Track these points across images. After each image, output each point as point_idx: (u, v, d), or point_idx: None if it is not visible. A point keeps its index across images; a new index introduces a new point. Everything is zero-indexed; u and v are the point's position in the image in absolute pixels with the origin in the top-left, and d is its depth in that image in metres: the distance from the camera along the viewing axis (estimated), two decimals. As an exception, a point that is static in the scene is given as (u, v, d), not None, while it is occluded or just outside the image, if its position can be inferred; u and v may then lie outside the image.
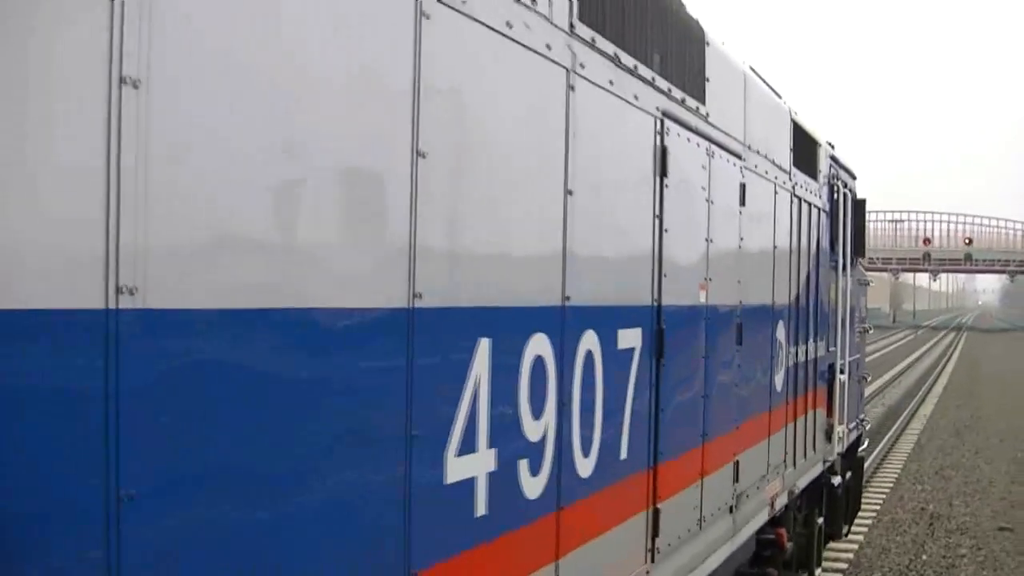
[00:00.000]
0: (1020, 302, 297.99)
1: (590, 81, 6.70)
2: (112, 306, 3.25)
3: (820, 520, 15.39)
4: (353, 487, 4.48)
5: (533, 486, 6.06)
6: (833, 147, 15.58)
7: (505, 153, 5.74)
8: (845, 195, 15.71)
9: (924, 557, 19.36)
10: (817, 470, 14.65)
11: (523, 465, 5.94)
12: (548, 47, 6.09)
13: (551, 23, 6.14)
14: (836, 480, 15.91)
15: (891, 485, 25.83)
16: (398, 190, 4.72)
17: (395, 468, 4.72)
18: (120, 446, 3.28)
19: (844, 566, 18.41)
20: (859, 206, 16.62)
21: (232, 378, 3.82)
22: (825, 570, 17.02)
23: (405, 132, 4.75)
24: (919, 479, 26.99)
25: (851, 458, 17.68)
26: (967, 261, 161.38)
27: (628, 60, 7.36)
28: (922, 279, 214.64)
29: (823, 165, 14.52)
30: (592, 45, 6.73)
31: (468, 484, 5.34)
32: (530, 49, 5.88)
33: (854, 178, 16.91)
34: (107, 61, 3.24)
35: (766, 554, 12.21)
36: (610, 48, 7.02)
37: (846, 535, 18.26)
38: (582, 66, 6.57)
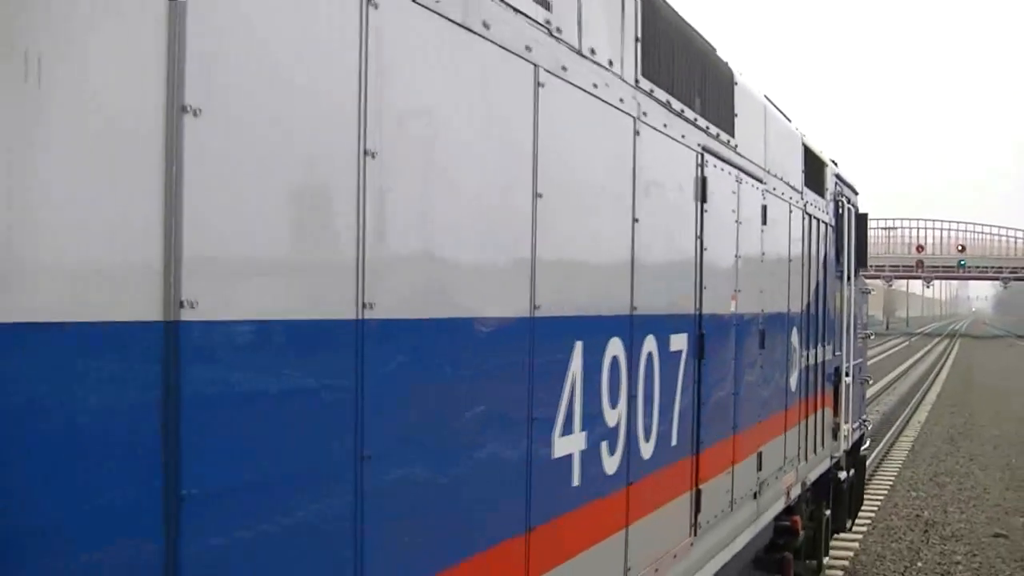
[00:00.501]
0: (1013, 309, 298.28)
1: (650, 126, 7.99)
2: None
3: (827, 512, 16.39)
4: (493, 459, 5.77)
5: (610, 464, 7.25)
6: (837, 165, 16.73)
7: (593, 191, 7.12)
8: (848, 210, 16.91)
9: (919, 564, 19.39)
10: (825, 465, 15.75)
11: (604, 446, 7.13)
12: (621, 100, 7.41)
13: (623, 80, 7.45)
14: (842, 475, 17.26)
15: (886, 492, 25.86)
16: (524, 224, 5.97)
17: (520, 445, 5.99)
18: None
19: (840, 574, 18.41)
20: (861, 220, 17.81)
21: (430, 373, 5.06)
22: (821, 577, 17.02)
23: (527, 177, 5.98)
24: (914, 486, 27.02)
25: (855, 456, 18.77)
26: (960, 268, 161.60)
27: (677, 105, 8.68)
28: (915, 286, 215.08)
29: (829, 183, 15.74)
30: (651, 95, 8.02)
31: (567, 459, 6.57)
32: (608, 104, 7.19)
33: (856, 194, 18.07)
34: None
35: (780, 542, 13.31)
36: (664, 96, 8.29)
37: (850, 528, 19.30)
38: (645, 114, 7.86)
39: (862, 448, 19.88)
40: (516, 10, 5.79)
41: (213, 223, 3.63)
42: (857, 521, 21.39)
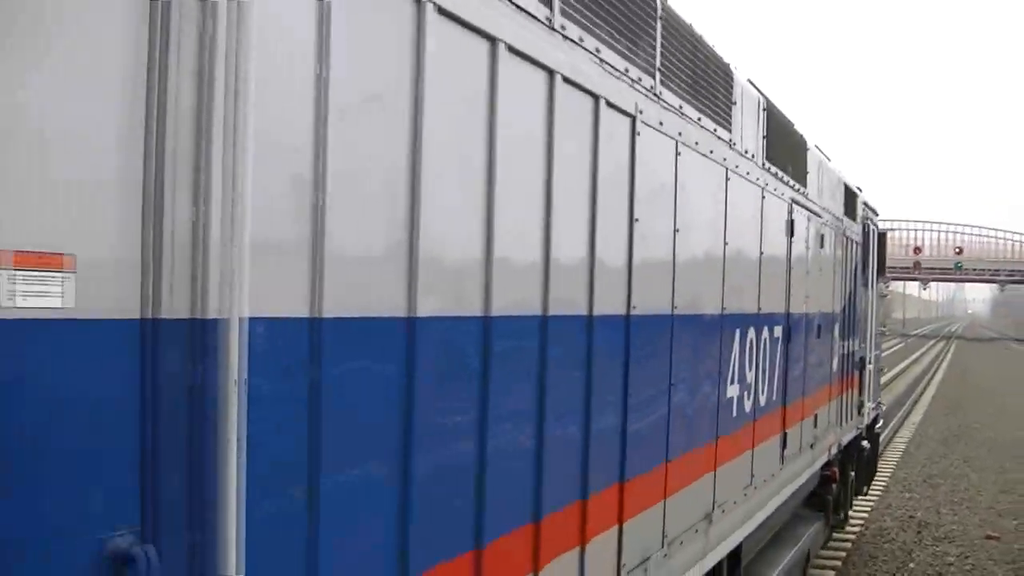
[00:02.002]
0: (1009, 312, 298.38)
1: (769, 191, 12.12)
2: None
3: (852, 473, 20.35)
4: (704, 398, 9.86)
5: (747, 405, 11.39)
6: (862, 191, 20.13)
7: (748, 237, 11.40)
8: (872, 230, 21.03)
9: (911, 565, 19.45)
10: (853, 434, 19.62)
11: (746, 394, 11.26)
12: (757, 178, 11.62)
13: (756, 164, 11.60)
14: (865, 443, 21.42)
15: (880, 493, 25.89)
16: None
17: (713, 390, 10.08)
18: None
19: (832, 574, 18.46)
20: (882, 237, 22.38)
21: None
22: (813, 577, 17.11)
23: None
24: (907, 487, 27.08)
25: (871, 431, 22.70)
26: (957, 270, 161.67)
27: (780, 174, 12.83)
28: (912, 287, 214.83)
29: (859, 209, 19.57)
30: (768, 171, 12.17)
31: (732, 399, 10.78)
32: (751, 181, 11.37)
33: (877, 215, 22.33)
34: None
35: (820, 490, 17.31)
36: (775, 170, 12.48)
37: (865, 493, 23.33)
38: (766, 184, 11.98)
39: (876, 427, 23.81)
40: (719, 138, 10.10)
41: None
42: (850, 522, 21.52)
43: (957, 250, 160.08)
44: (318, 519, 4.31)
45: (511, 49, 5.66)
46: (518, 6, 5.90)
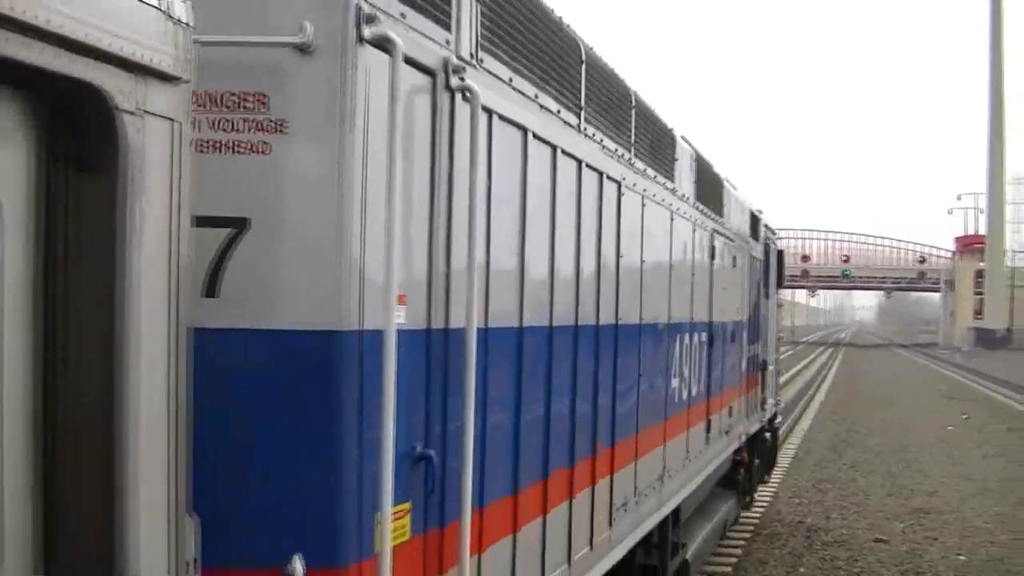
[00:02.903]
0: (895, 318, 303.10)
1: (698, 225, 15.03)
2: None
3: (756, 461, 23.43)
4: (656, 385, 12.68)
5: (684, 395, 14.26)
6: (762, 213, 23.01)
7: (685, 262, 14.15)
8: (772, 248, 24.57)
9: (801, 570, 19.64)
10: (757, 426, 22.69)
11: (684, 386, 14.15)
12: (690, 216, 14.50)
13: (689, 204, 14.57)
14: (767, 435, 24.88)
15: (770, 499, 26.13)
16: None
17: (663, 380, 12.95)
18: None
19: (723, 579, 18.61)
20: (780, 254, 25.92)
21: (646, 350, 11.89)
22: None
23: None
24: (797, 493, 27.36)
25: (771, 425, 25.85)
26: (844, 278, 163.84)
27: (705, 208, 15.79)
28: (801, 295, 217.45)
29: (761, 231, 22.74)
30: (698, 209, 15.17)
31: (676, 389, 13.63)
32: (687, 219, 14.24)
33: (775, 234, 26.33)
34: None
35: (732, 473, 20.08)
36: (702, 208, 15.54)
37: (766, 481, 26.46)
38: (696, 220, 14.90)
39: (775, 421, 27.02)
40: (667, 188, 13.00)
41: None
42: (741, 527, 21.74)
43: (844, 258, 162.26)
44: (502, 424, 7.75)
45: (563, 151, 8.76)
46: (566, 122, 9.05)
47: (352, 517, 5.45)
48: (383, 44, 5.54)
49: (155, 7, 4.09)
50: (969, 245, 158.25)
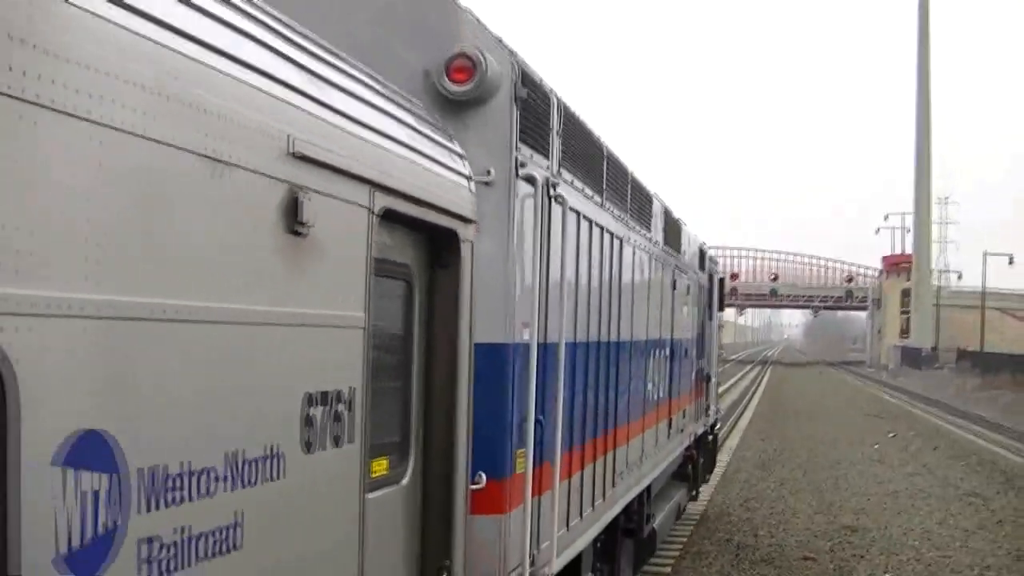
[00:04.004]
0: (823, 336, 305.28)
1: (665, 264, 18.38)
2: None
3: (701, 460, 26.36)
4: (641, 387, 16.25)
5: (654, 396, 17.47)
6: (706, 246, 26.91)
7: (658, 293, 17.82)
8: (715, 276, 28.31)
9: (730, 588, 19.70)
10: (702, 429, 26.09)
11: (652, 388, 17.22)
12: (659, 257, 17.88)
13: (659, 247, 17.77)
14: (709, 437, 28.97)
15: (698, 517, 26.22)
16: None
17: (642, 385, 16.33)
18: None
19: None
20: (721, 282, 29.61)
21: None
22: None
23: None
24: (726, 511, 27.47)
25: (712, 431, 29.86)
26: (773, 296, 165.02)
27: (669, 249, 18.98)
28: (729, 313, 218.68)
29: (707, 263, 26.61)
30: (664, 251, 18.40)
31: (649, 392, 16.98)
32: (658, 260, 17.60)
33: (716, 264, 30.56)
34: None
35: (683, 468, 23.43)
36: (669, 250, 18.86)
37: (707, 482, 29.27)
38: (663, 260, 18.17)
39: (715, 427, 31.59)
40: (646, 238, 16.26)
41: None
42: (669, 545, 21.81)
43: (773, 276, 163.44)
44: (581, 403, 12.13)
45: (595, 223, 12.50)
46: (596, 203, 12.70)
47: (509, 453, 9.27)
48: (528, 178, 9.42)
49: (468, 189, 8.08)
50: (895, 264, 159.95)
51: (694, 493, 26.10)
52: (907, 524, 26.33)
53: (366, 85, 6.65)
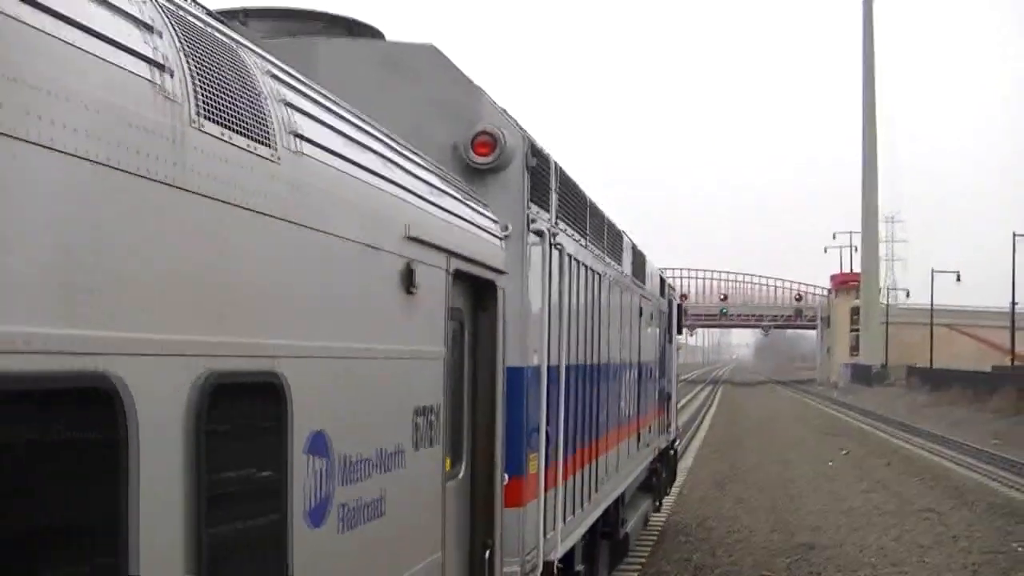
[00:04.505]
0: (773, 356, 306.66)
1: (634, 292, 20.84)
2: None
3: (664, 474, 28.44)
4: (618, 403, 18.77)
5: (626, 412, 19.82)
6: (664, 273, 29.91)
7: (631, 320, 20.37)
8: (672, 301, 30.33)
9: (690, 607, 19.71)
10: (664, 444, 28.04)
11: (624, 404, 19.52)
12: (628, 287, 19.97)
13: (628, 278, 20.21)
14: (671, 452, 31.22)
15: (656, 538, 26.24)
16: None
17: (618, 400, 18.86)
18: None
19: (614, 619, 18.62)
20: (679, 307, 32.68)
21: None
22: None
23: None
24: (683, 531, 27.52)
25: (672, 446, 31.61)
26: (723, 316, 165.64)
27: (636, 280, 21.34)
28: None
29: (667, 290, 29.03)
30: (633, 282, 20.82)
31: (625, 409, 19.63)
32: (626, 290, 19.58)
33: (674, 290, 33.25)
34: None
35: (650, 479, 25.25)
36: (637, 281, 21.45)
37: (668, 493, 31.12)
38: (631, 290, 20.41)
39: (675, 443, 33.47)
40: (619, 271, 18.67)
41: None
42: (627, 568, 21.79)
43: (722, 296, 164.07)
44: (584, 410, 15.09)
45: (581, 262, 14.60)
46: (581, 244, 14.77)
47: (525, 456, 11.22)
48: (537, 231, 11.61)
49: (500, 247, 9.89)
50: (844, 283, 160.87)
51: (658, 504, 28.08)
52: (863, 541, 26.47)
53: (435, 174, 8.63)
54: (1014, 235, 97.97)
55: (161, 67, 4.33)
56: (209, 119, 4.64)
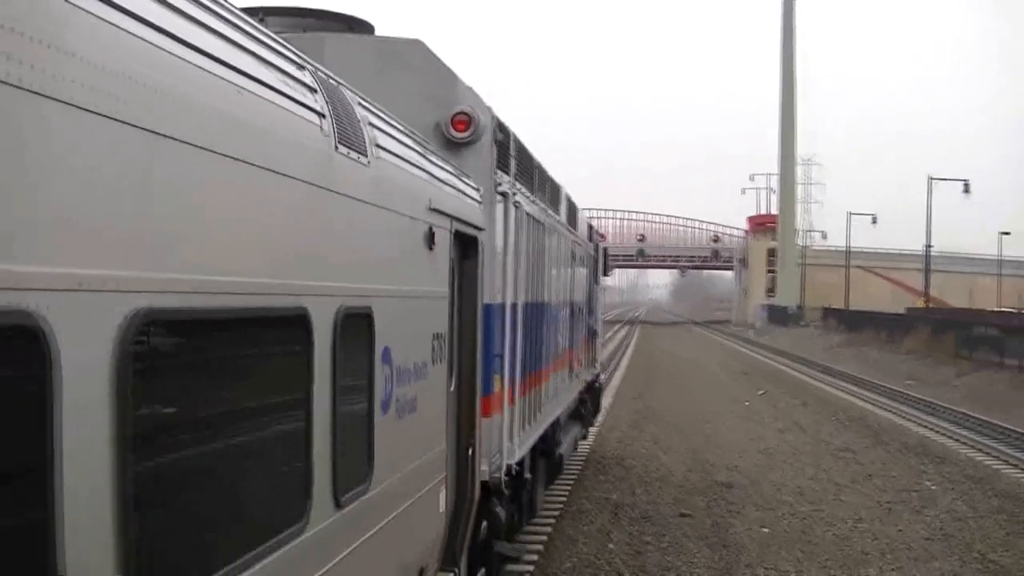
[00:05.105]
0: (689, 297, 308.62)
1: (568, 238, 22.88)
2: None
3: (589, 403, 30.64)
4: (556, 336, 21.19)
5: (562, 344, 22.51)
6: (592, 219, 33.96)
7: (569, 263, 23.55)
8: (599, 245, 32.37)
9: (611, 546, 19.75)
10: (591, 377, 30.98)
11: (563, 340, 22.55)
12: (564, 233, 22.08)
13: (564, 226, 22.12)
14: (597, 385, 33.77)
15: (575, 476, 26.29)
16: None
17: (558, 334, 21.92)
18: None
19: (535, 557, 18.61)
20: (605, 251, 33.78)
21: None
22: (512, 567, 17.26)
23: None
24: (602, 470, 27.57)
25: (597, 380, 34.02)
26: (640, 257, 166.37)
27: (570, 228, 23.45)
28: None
29: (594, 236, 31.38)
30: (568, 229, 22.95)
31: (561, 343, 22.42)
32: (564, 235, 22.03)
33: (603, 237, 37.24)
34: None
35: (578, 409, 27.52)
36: (569, 227, 23.19)
37: (592, 424, 32.80)
38: (566, 235, 22.42)
39: (600, 376, 36.30)
40: (558, 221, 20.89)
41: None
42: (549, 505, 21.87)
43: (640, 237, 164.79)
44: (534, 337, 17.44)
45: (533, 217, 16.85)
46: (531, 200, 16.63)
47: (491, 376, 13.27)
48: (502, 194, 13.82)
49: (480, 209, 12.36)
50: (761, 224, 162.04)
51: (584, 432, 30.23)
52: (780, 480, 26.68)
53: (440, 158, 11.09)
54: (930, 179, 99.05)
55: (322, 116, 6.82)
56: (342, 144, 7.10)
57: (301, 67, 6.81)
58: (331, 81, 7.60)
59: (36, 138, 3.72)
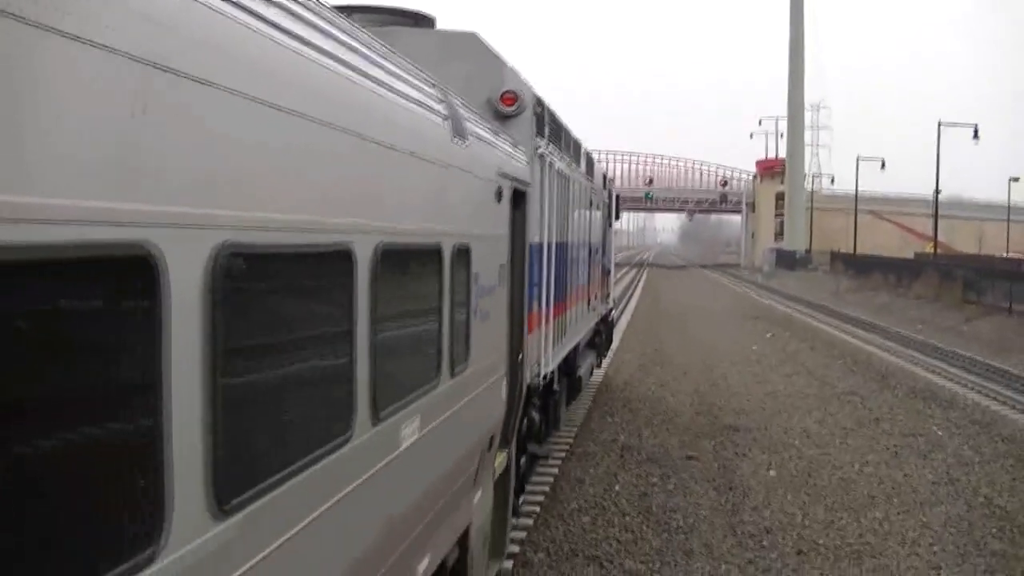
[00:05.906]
0: (697, 240, 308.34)
1: (586, 184, 24.75)
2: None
3: (605, 334, 32.77)
4: (582, 272, 24.71)
5: (583, 279, 24.58)
6: (605, 167, 39.84)
7: (588, 207, 26.36)
8: (612, 192, 34.70)
9: (617, 488, 19.79)
10: (606, 310, 33.22)
11: (582, 272, 24.55)
12: (584, 183, 24.21)
13: (583, 176, 24.00)
14: (611, 318, 36.75)
15: (583, 418, 26.32)
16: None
17: (583, 269, 25.10)
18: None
19: (541, 499, 18.65)
20: (617, 197, 36.05)
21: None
22: (522, 506, 17.30)
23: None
24: (609, 412, 27.60)
25: (610, 313, 36.67)
26: (647, 200, 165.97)
27: (590, 177, 25.74)
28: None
29: (607, 183, 33.20)
30: (587, 178, 24.76)
31: (583, 277, 24.98)
32: (584, 184, 24.32)
33: (613, 182, 40.52)
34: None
35: (593, 339, 29.42)
36: (588, 177, 25.42)
37: (605, 355, 34.84)
38: (584, 184, 24.31)
39: (613, 311, 38.94)
40: (580, 172, 23.26)
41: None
42: (556, 447, 21.91)
43: (648, 180, 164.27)
44: (560, 278, 19.83)
45: (560, 172, 19.02)
46: (560, 157, 19.19)
47: (532, 299, 15.77)
48: (540, 156, 16.36)
49: (527, 168, 14.99)
50: (769, 168, 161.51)
51: (599, 361, 33.09)
52: (787, 423, 26.71)
53: (503, 134, 13.73)
54: (939, 124, 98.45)
55: (445, 117, 9.56)
56: (455, 135, 9.84)
57: (432, 85, 9.69)
58: (448, 94, 10.42)
59: (173, 116, 4.35)
